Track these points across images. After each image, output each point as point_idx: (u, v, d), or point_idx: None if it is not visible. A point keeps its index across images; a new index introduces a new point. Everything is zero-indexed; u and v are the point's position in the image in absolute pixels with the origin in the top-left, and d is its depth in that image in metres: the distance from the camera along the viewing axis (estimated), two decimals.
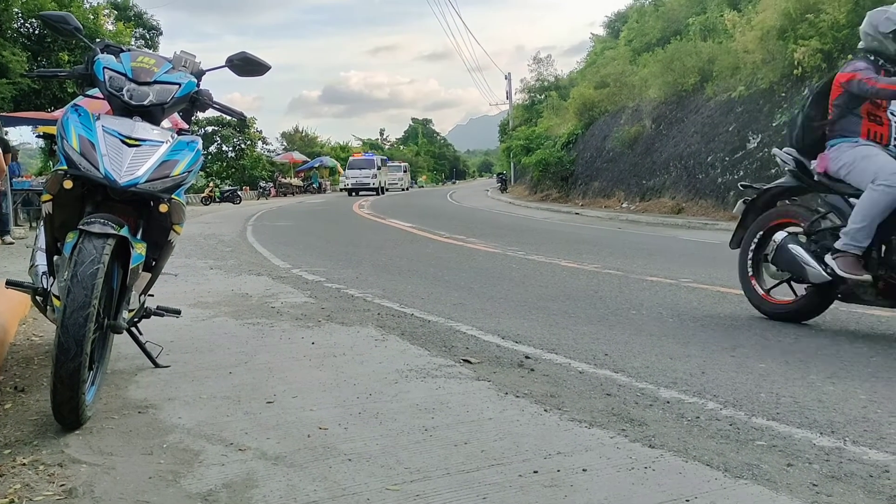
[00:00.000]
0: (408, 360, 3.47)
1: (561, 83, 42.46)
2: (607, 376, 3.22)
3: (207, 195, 34.27)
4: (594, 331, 4.24)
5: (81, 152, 2.49)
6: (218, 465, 2.16)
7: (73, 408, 2.34)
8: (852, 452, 2.31)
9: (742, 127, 17.65)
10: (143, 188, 2.53)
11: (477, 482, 2.05)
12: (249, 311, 4.76)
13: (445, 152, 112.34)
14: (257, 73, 3.23)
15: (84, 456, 2.22)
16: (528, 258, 8.39)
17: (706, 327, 4.36)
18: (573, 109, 28.61)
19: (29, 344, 3.80)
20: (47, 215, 2.64)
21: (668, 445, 2.35)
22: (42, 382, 3.01)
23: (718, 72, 19.35)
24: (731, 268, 7.42)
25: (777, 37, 16.50)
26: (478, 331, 4.17)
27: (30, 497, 1.92)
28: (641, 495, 1.97)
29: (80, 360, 2.24)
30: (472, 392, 2.96)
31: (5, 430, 2.46)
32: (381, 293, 5.58)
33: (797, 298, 4.50)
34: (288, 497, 1.94)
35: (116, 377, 3.11)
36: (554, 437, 2.43)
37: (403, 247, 9.93)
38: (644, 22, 29.29)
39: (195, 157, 2.75)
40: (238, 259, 8.11)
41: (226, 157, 51.16)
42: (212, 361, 3.43)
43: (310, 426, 2.52)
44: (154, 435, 2.43)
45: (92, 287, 2.27)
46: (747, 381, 3.15)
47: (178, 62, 2.98)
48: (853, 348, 3.81)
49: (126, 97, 2.72)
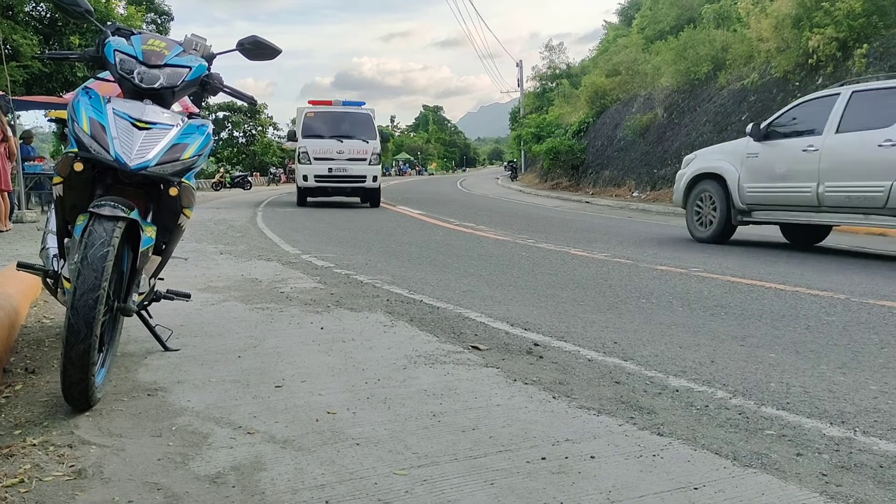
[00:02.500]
0: (416, 346, 3.47)
1: (573, 71, 42.28)
2: (616, 364, 3.21)
3: (218, 181, 34.39)
4: (603, 319, 4.22)
5: (92, 135, 2.48)
6: (226, 448, 2.17)
7: (82, 389, 2.35)
8: (862, 443, 2.30)
9: (755, 116, 17.49)
10: (153, 171, 2.53)
11: (485, 468, 2.05)
12: (259, 295, 4.77)
13: (456, 140, 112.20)
14: (268, 57, 3.22)
15: (94, 437, 2.23)
16: (537, 246, 8.37)
17: (716, 316, 4.34)
18: (585, 97, 28.48)
19: (40, 326, 3.82)
20: (58, 198, 2.64)
21: (676, 434, 2.35)
22: (52, 364, 3.03)
23: (732, 60, 19.20)
24: (742, 257, 7.40)
25: (792, 25, 16.33)
26: (487, 318, 4.17)
27: (40, 477, 1.93)
28: (649, 483, 1.96)
29: (90, 342, 2.25)
30: (480, 378, 2.96)
31: (16, 411, 2.48)
32: (390, 279, 5.58)
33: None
34: (296, 480, 1.95)
35: (126, 360, 3.13)
36: (562, 424, 2.42)
37: (413, 234, 9.93)
38: (657, 9, 29.06)
39: (205, 141, 2.75)
40: (248, 244, 8.13)
41: (237, 143, 51.28)
42: (221, 345, 3.44)
43: (318, 410, 2.53)
44: (163, 417, 2.44)
45: (102, 269, 2.28)
46: (757, 371, 3.13)
47: (188, 45, 2.97)
48: (864, 339, 3.78)
49: (137, 80, 2.71)
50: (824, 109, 7.95)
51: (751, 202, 8.53)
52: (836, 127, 7.72)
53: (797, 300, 4.91)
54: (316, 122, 16.69)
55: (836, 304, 4.53)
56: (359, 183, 16.15)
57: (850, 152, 7.54)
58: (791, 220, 8.32)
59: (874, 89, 7.66)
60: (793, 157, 8.10)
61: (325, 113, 16.96)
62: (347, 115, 17.01)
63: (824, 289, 5.37)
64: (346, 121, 16.82)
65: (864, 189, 7.31)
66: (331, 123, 16.67)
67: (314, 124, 16.64)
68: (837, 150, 7.63)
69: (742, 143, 8.87)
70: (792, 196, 8.15)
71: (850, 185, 7.47)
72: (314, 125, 16.63)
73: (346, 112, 17.12)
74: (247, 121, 51.76)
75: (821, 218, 7.95)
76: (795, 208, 8.15)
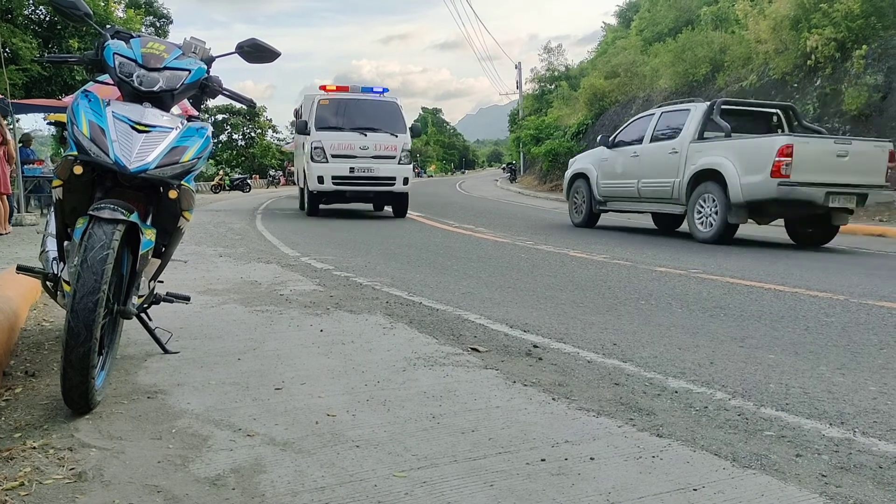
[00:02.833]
0: (416, 348, 3.47)
1: (571, 73, 42.30)
2: (616, 366, 3.21)
3: (217, 183, 34.44)
4: (603, 320, 4.23)
5: (92, 138, 2.49)
6: (226, 451, 2.17)
7: (82, 392, 2.35)
8: (862, 443, 2.30)
9: None
10: (152, 174, 2.53)
11: (484, 469, 2.05)
12: (258, 298, 4.77)
13: (455, 142, 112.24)
14: (267, 60, 3.22)
15: (93, 440, 2.23)
16: (536, 248, 8.37)
17: (715, 318, 4.34)
18: (583, 99, 28.52)
19: (39, 329, 3.82)
20: (58, 201, 2.64)
21: (675, 435, 2.35)
22: (52, 367, 3.03)
23: (730, 62, 19.22)
24: (741, 258, 7.41)
25: (790, 26, 16.36)
26: (486, 319, 4.17)
27: (39, 480, 1.93)
28: (649, 484, 1.96)
29: (90, 345, 2.25)
30: (479, 380, 2.96)
31: (16, 413, 2.48)
32: (389, 281, 5.59)
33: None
34: (296, 483, 1.95)
35: (126, 362, 3.13)
36: (562, 426, 2.42)
37: (412, 236, 9.93)
38: (656, 11, 29.12)
39: (205, 144, 2.75)
40: (247, 247, 8.13)
41: (236, 146, 51.31)
42: (221, 348, 3.44)
43: (318, 413, 2.53)
44: (163, 420, 2.44)
45: (102, 272, 2.28)
46: (756, 372, 3.14)
47: (188, 48, 2.98)
48: (863, 340, 3.78)
49: (136, 83, 2.71)
50: (646, 124, 10.83)
51: (604, 195, 11.47)
52: (649, 138, 10.60)
53: (796, 301, 4.91)
54: (332, 111, 13.49)
55: (835, 304, 4.53)
56: (386, 186, 13.21)
57: (654, 157, 10.38)
58: (626, 209, 11.32)
59: (673, 110, 10.57)
60: (625, 161, 10.99)
61: (343, 101, 13.73)
62: (370, 103, 13.83)
63: (823, 290, 5.38)
64: (368, 110, 13.65)
65: (661, 184, 10.17)
66: (350, 113, 13.47)
67: (330, 114, 13.43)
68: (648, 155, 10.54)
69: (600, 150, 11.70)
70: (625, 190, 10.98)
71: (654, 181, 10.32)
72: (330, 115, 13.41)
73: (368, 100, 13.91)
74: (246, 123, 51.84)
75: (640, 206, 10.93)
76: (628, 199, 11.05)
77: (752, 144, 8.96)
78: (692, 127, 9.79)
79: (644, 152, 10.57)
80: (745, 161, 8.84)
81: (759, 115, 10.44)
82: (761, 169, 8.56)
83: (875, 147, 9.04)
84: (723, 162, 9.07)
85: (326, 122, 13.29)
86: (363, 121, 13.36)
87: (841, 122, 15.13)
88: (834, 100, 15.32)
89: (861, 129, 14.55)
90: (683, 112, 10.13)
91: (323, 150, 13.03)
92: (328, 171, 12.96)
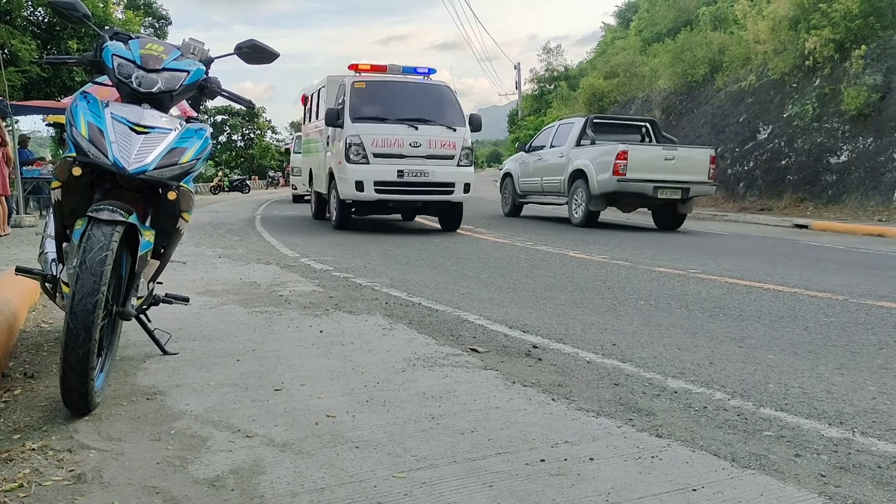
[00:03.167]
0: (415, 349, 3.47)
1: (571, 73, 42.34)
2: (615, 366, 3.21)
3: (216, 184, 34.45)
4: (602, 321, 4.23)
5: (90, 139, 2.48)
6: (225, 452, 2.17)
7: (82, 394, 2.35)
8: (861, 443, 2.30)
9: (752, 118, 17.53)
10: (151, 175, 2.53)
11: (483, 470, 2.05)
12: (258, 299, 4.77)
13: None
14: (266, 61, 3.22)
15: (93, 441, 2.23)
16: (536, 248, 8.38)
17: (714, 318, 4.34)
18: (582, 100, 28.53)
19: (38, 331, 3.82)
20: (56, 202, 2.64)
21: (675, 435, 2.35)
22: (52, 369, 3.03)
23: (729, 62, 19.23)
24: (740, 259, 7.41)
25: (789, 27, 16.37)
26: (485, 320, 4.17)
27: (39, 482, 1.93)
28: (648, 484, 1.96)
29: (89, 346, 2.25)
30: (479, 381, 2.96)
31: (15, 415, 2.47)
32: (388, 282, 5.59)
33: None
34: (295, 483, 1.95)
35: (125, 364, 3.13)
36: (561, 427, 2.42)
37: (411, 236, 9.93)
38: (655, 12, 29.13)
39: (204, 145, 2.75)
40: (246, 248, 8.13)
41: (235, 147, 51.30)
42: (220, 349, 3.44)
43: (317, 414, 2.53)
44: (162, 421, 2.44)
45: (101, 274, 2.28)
46: (755, 372, 3.14)
47: (186, 49, 2.97)
48: (863, 340, 3.79)
49: (135, 84, 2.71)
50: (550, 134, 13.76)
51: (523, 190, 14.13)
52: (549, 145, 13.36)
53: (795, 301, 4.92)
54: (369, 97, 10.28)
55: (835, 304, 4.53)
56: (443, 194, 10.13)
57: (550, 160, 13.06)
58: (536, 201, 13.90)
59: (566, 123, 13.40)
60: (534, 163, 13.64)
61: (384, 84, 10.60)
62: (418, 87, 10.70)
63: (822, 290, 5.39)
64: (417, 96, 10.51)
65: (554, 181, 12.80)
66: (394, 100, 10.32)
67: (367, 101, 10.21)
68: (547, 158, 13.23)
69: (521, 154, 14.48)
70: (535, 186, 13.59)
71: (550, 179, 12.96)
72: (368, 103, 10.19)
73: (415, 83, 10.77)
74: (245, 124, 51.85)
75: (544, 199, 13.50)
76: (537, 193, 13.63)
77: (603, 151, 11.61)
78: (573, 136, 12.55)
79: (545, 156, 13.34)
80: (598, 163, 11.56)
81: (631, 127, 13.52)
82: (608, 169, 11.30)
83: (698, 152, 11.90)
84: (587, 164, 11.82)
85: (364, 112, 10.06)
86: (411, 110, 10.15)
87: (840, 122, 15.13)
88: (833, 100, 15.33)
89: (860, 129, 14.56)
90: (570, 124, 13.06)
91: (362, 147, 9.83)
92: (370, 174, 9.81)
